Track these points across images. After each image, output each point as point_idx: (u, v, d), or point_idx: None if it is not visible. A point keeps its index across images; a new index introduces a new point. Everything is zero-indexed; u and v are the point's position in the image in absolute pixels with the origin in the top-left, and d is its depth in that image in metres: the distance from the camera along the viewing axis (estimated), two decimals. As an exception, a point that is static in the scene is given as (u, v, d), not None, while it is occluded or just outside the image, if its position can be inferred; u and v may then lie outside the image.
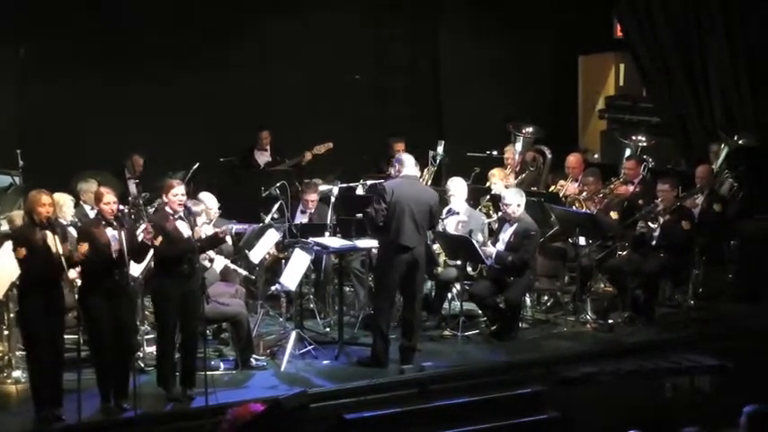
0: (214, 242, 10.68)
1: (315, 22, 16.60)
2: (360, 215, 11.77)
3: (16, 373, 10.63)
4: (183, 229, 10.20)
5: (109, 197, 9.89)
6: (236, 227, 12.55)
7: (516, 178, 14.18)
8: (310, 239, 11.70)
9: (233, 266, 11.86)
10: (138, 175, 14.19)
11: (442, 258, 12.45)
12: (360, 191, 13.35)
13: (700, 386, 11.16)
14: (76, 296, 9.95)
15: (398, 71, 17.64)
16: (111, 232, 9.79)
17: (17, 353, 10.66)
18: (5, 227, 11.50)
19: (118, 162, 14.51)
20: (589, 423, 10.87)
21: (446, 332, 12.09)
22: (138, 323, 10.98)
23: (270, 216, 12.58)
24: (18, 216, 10.82)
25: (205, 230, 10.99)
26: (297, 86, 16.43)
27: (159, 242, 10.05)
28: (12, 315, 10.59)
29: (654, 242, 12.43)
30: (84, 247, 9.72)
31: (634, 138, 14.66)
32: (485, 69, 17.35)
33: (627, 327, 12.27)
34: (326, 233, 12.11)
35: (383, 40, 17.48)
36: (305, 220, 12.95)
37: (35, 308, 9.63)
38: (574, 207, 13.19)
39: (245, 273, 12.01)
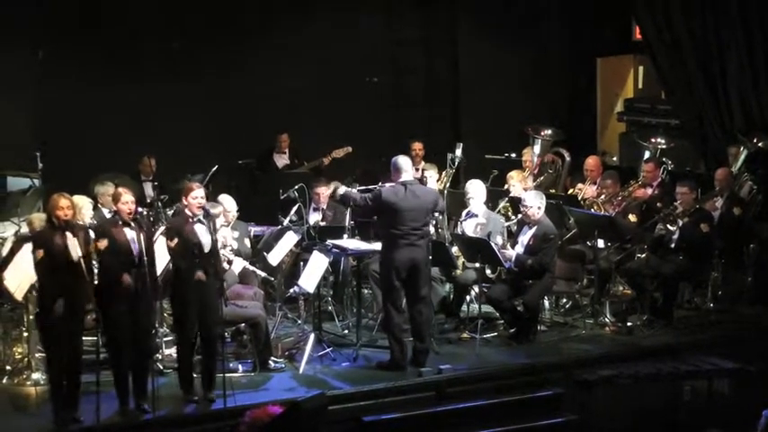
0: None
1: (333, 25, 16.62)
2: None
3: (35, 375, 10.67)
4: (201, 233, 10.22)
5: (126, 197, 9.91)
6: (254, 229, 12.58)
7: (535, 181, 14.15)
8: (329, 242, 11.70)
9: (252, 268, 11.87)
10: (153, 176, 14.21)
11: (460, 261, 12.44)
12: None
13: (718, 389, 11.14)
14: (94, 297, 9.99)
15: (416, 74, 17.63)
16: (129, 234, 9.82)
17: (36, 355, 10.70)
18: (25, 229, 11.55)
19: (136, 165, 14.54)
20: (607, 426, 10.87)
21: (464, 335, 12.08)
22: (157, 325, 10.98)
23: (288, 218, 12.60)
24: (37, 218, 10.85)
25: (223, 233, 11.02)
26: (315, 89, 16.46)
27: (174, 243, 10.10)
28: (31, 317, 10.63)
29: (673, 245, 12.39)
30: (104, 242, 9.77)
31: (653, 140, 14.63)
32: (503, 71, 17.32)
33: (645, 329, 12.22)
34: (345, 235, 12.10)
35: (400, 43, 17.47)
36: (318, 215, 12.94)
37: (55, 310, 9.65)
38: (592, 210, 13.17)
39: (263, 274, 12.02)
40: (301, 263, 12.19)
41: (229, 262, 11.22)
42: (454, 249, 12.35)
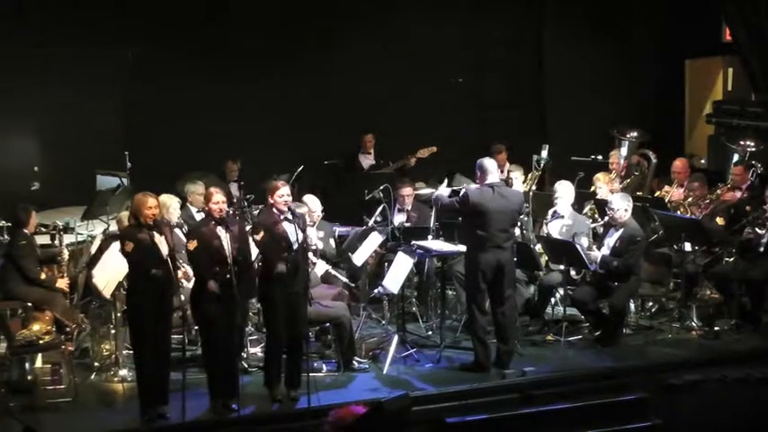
0: None
1: (419, 25, 16.63)
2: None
3: (123, 372, 10.82)
4: (289, 230, 10.26)
5: (218, 197, 10.00)
6: (339, 229, 12.62)
7: (621, 183, 14.05)
8: (413, 242, 11.71)
9: (333, 272, 11.90)
10: (237, 179, 14.32)
11: (544, 262, 12.39)
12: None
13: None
14: (172, 293, 10.09)
15: (501, 74, 17.57)
16: (220, 233, 9.88)
17: (124, 351, 10.83)
18: (114, 227, 11.70)
19: (221, 165, 14.67)
20: (693, 431, 10.75)
21: (549, 337, 12.03)
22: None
23: (373, 219, 12.63)
24: (126, 217, 10.97)
25: (308, 234, 11.06)
26: (401, 90, 16.48)
27: (261, 236, 10.15)
28: (119, 314, 10.77)
29: (762, 248, 12.21)
30: (193, 243, 9.85)
31: (742, 143, 14.43)
32: (590, 73, 17.20)
33: (733, 334, 12.09)
34: (429, 236, 12.10)
35: (486, 43, 17.43)
36: (403, 217, 12.96)
37: (144, 306, 9.78)
38: (679, 212, 13.05)
39: (345, 280, 12.04)
40: (386, 263, 12.24)
41: (312, 264, 11.25)
42: (538, 247, 12.29)
